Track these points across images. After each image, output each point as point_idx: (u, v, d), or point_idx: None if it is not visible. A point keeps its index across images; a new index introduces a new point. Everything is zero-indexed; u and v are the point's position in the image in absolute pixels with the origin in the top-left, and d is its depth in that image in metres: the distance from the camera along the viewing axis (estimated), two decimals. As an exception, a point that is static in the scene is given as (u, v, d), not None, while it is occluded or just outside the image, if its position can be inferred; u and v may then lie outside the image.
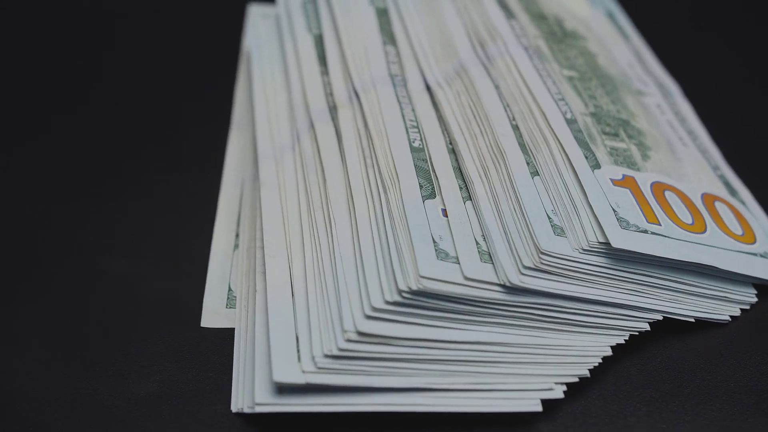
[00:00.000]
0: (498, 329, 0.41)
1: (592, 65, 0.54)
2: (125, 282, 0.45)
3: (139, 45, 0.61)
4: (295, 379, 0.38)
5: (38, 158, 0.52)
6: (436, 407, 0.39)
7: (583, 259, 0.41)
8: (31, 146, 0.53)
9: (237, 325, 0.43)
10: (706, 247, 0.44)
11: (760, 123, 0.59)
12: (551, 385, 0.40)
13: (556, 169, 0.44)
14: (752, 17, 0.69)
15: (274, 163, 0.48)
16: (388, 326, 0.39)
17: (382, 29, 0.54)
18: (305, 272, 0.42)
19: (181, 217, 0.49)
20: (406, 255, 0.40)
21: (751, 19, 0.69)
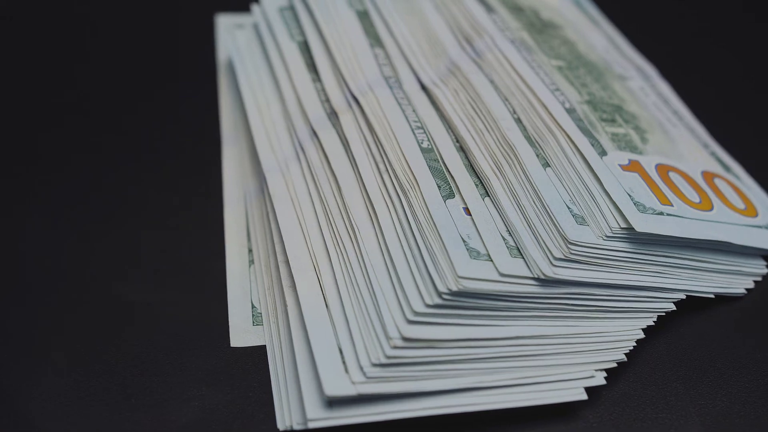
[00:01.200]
0: (535, 322, 0.41)
1: (575, 53, 0.54)
2: (145, 307, 0.44)
3: (109, 64, 0.60)
4: (347, 391, 0.38)
5: (29, 187, 0.50)
6: (485, 405, 0.39)
7: (608, 245, 0.42)
8: (18, 174, 0.51)
9: (268, 342, 0.43)
10: (717, 224, 0.45)
11: (733, 97, 0.61)
12: (592, 372, 0.41)
13: (566, 160, 0.45)
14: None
15: (281, 176, 0.47)
16: (431, 329, 0.39)
17: (366, 32, 0.53)
18: (336, 283, 0.42)
19: (190, 237, 0.48)
20: (439, 257, 0.40)
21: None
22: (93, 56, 0.60)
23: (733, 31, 0.67)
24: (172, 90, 0.58)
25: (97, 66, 0.59)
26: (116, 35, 0.62)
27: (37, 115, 0.55)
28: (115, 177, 0.51)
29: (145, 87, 0.58)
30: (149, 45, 0.61)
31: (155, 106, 0.56)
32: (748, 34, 0.67)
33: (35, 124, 0.54)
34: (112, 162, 0.52)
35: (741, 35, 0.67)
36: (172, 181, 0.51)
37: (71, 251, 0.46)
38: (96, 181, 0.51)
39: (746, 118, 0.58)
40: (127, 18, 0.64)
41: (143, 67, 0.59)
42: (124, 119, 0.55)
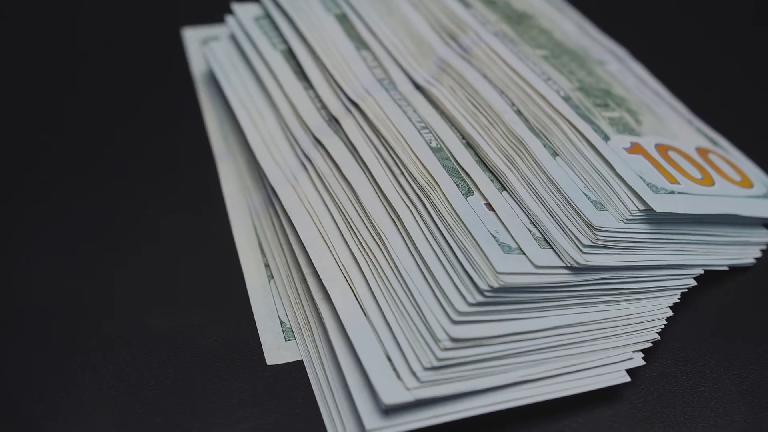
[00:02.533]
0: (571, 311, 0.41)
1: (554, 42, 0.55)
2: (173, 334, 0.43)
3: (81, 89, 0.58)
4: (404, 398, 0.37)
5: (33, 225, 0.48)
6: (534, 398, 0.40)
7: (630, 228, 0.42)
8: (20, 212, 0.49)
9: (305, 356, 0.42)
10: (722, 198, 0.46)
11: (703, 72, 0.62)
12: (630, 354, 0.42)
13: (573, 148, 0.45)
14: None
15: (291, 188, 0.47)
16: (476, 328, 0.39)
17: (349, 36, 0.53)
18: (371, 291, 0.41)
19: (203, 258, 0.47)
20: (474, 255, 0.40)
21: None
22: (62, 84, 0.58)
23: (694, 6, 0.69)
24: (151, 109, 0.56)
25: (69, 92, 0.57)
26: (83, 58, 0.60)
27: (19, 155, 0.53)
28: (113, 204, 0.49)
29: (122, 110, 0.56)
30: (117, 68, 0.59)
31: (138, 129, 0.55)
32: (709, 8, 0.68)
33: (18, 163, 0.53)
34: (106, 189, 0.50)
35: (702, 10, 0.68)
36: (173, 202, 0.50)
37: (87, 286, 0.45)
38: (93, 211, 0.49)
39: (718, 92, 0.60)
40: (88, 41, 0.62)
41: (116, 91, 0.57)
42: (106, 145, 0.53)
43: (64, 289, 0.45)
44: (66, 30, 0.63)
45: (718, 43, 0.66)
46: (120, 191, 0.50)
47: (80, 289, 0.45)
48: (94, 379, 0.41)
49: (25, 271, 0.45)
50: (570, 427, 0.40)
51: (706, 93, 0.59)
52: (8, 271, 0.45)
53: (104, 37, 0.62)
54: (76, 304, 0.44)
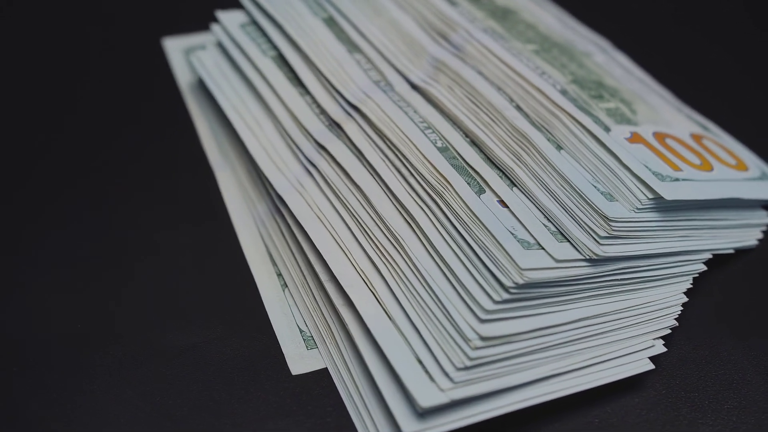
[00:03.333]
0: (592, 302, 0.42)
1: (541, 36, 0.55)
2: (193, 350, 0.42)
3: (69, 104, 0.57)
4: (440, 400, 0.37)
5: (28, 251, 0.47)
6: (564, 391, 0.40)
7: (641, 217, 0.43)
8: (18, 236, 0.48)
9: (329, 364, 0.42)
10: (723, 182, 0.47)
11: (683, 59, 0.63)
12: (651, 342, 0.42)
13: (577, 141, 0.46)
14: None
15: (298, 195, 0.46)
16: (503, 325, 0.39)
17: (339, 39, 0.53)
18: (394, 294, 0.41)
19: (212, 271, 0.46)
20: (496, 253, 0.40)
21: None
22: (45, 103, 0.57)
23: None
24: (140, 123, 0.55)
25: (53, 111, 0.56)
26: (64, 76, 0.59)
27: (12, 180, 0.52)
28: (114, 222, 0.48)
29: (110, 126, 0.55)
30: (100, 84, 0.58)
31: (128, 143, 0.54)
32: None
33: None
34: (104, 207, 0.49)
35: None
36: (175, 216, 0.49)
37: (98, 306, 0.44)
38: (94, 229, 0.48)
39: (700, 79, 0.61)
40: (69, 59, 0.60)
41: (102, 107, 0.56)
42: (99, 163, 0.52)
43: (75, 310, 0.44)
44: (44, 47, 0.61)
45: (696, 30, 0.67)
46: (120, 208, 0.49)
47: (92, 310, 0.44)
48: (118, 401, 0.40)
49: (34, 291, 0.44)
50: (600, 418, 0.40)
51: (687, 80, 0.60)
52: (19, 290, 0.44)
53: (83, 54, 0.61)
54: (90, 325, 0.43)
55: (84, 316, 0.43)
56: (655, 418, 0.40)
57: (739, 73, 0.63)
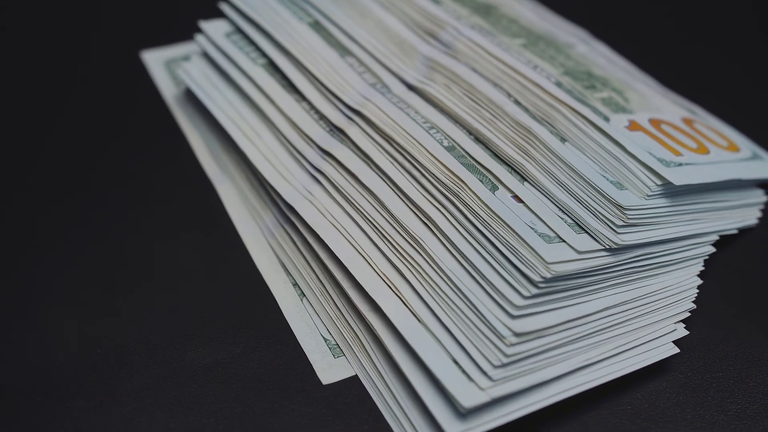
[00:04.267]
0: (614, 291, 0.42)
1: (526, 30, 0.56)
2: (220, 366, 0.41)
3: (53, 122, 0.55)
4: (481, 399, 0.37)
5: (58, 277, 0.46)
6: (598, 380, 0.40)
7: (652, 204, 0.44)
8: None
9: (359, 371, 0.42)
10: (721, 164, 0.48)
11: (658, 45, 0.64)
12: (673, 326, 0.43)
13: (580, 132, 0.46)
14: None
15: (308, 203, 0.46)
16: (534, 320, 0.39)
17: (329, 43, 0.52)
18: (420, 297, 0.41)
19: (227, 284, 0.45)
20: (520, 249, 0.40)
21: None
22: (30, 125, 0.55)
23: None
24: (130, 139, 0.54)
25: (39, 130, 0.55)
26: (47, 95, 0.58)
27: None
28: (119, 242, 0.47)
29: (99, 146, 0.54)
30: (83, 102, 0.57)
31: (121, 162, 0.52)
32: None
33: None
34: (106, 228, 0.48)
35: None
36: (179, 232, 0.48)
37: (117, 329, 0.43)
38: (101, 252, 0.47)
39: (677, 63, 0.62)
40: (50, 78, 0.59)
41: (88, 126, 0.55)
42: (94, 183, 0.51)
43: (92, 335, 0.43)
44: (19, 70, 0.60)
45: (669, 15, 0.68)
46: (122, 227, 0.48)
47: (109, 334, 0.43)
48: (151, 424, 0.39)
49: (50, 318, 0.43)
50: (631, 405, 0.41)
51: (665, 66, 0.61)
52: (33, 317, 0.43)
53: (61, 72, 0.59)
54: (110, 349, 0.42)
55: (102, 341, 0.42)
56: (685, 401, 0.41)
57: (717, 57, 0.64)
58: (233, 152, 0.52)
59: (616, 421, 0.40)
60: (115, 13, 0.65)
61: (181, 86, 0.57)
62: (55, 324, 0.43)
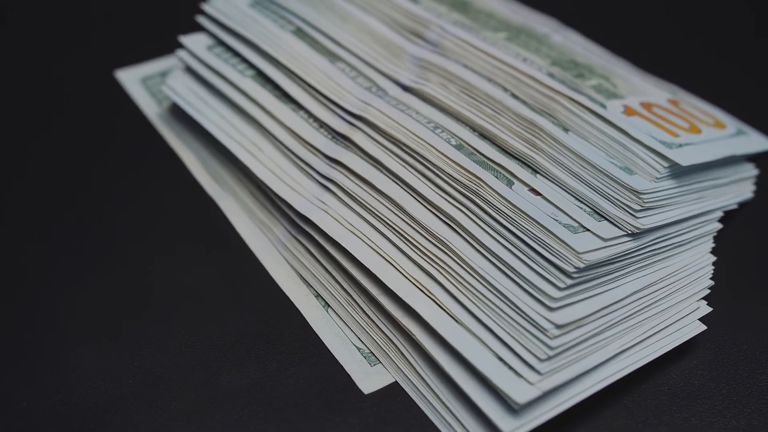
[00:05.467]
0: (639, 274, 0.43)
1: (504, 23, 0.56)
2: (258, 386, 0.41)
3: (41, 151, 0.53)
4: (533, 394, 0.38)
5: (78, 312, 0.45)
6: (637, 363, 0.41)
7: (662, 186, 0.44)
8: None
9: (399, 377, 0.42)
10: (715, 142, 0.49)
11: (624, 28, 0.65)
12: (696, 304, 0.44)
13: (581, 120, 0.46)
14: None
15: (323, 212, 0.46)
16: (572, 310, 0.40)
17: (315, 50, 0.52)
18: (455, 298, 0.41)
19: (247, 300, 0.45)
20: (549, 242, 0.40)
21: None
22: (13, 152, 0.54)
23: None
24: (120, 162, 0.53)
25: (22, 160, 0.53)
26: (23, 122, 0.56)
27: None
28: (131, 268, 0.46)
29: (88, 170, 0.52)
30: (64, 129, 0.55)
31: (116, 186, 0.51)
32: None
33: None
34: (113, 254, 0.47)
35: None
36: (188, 252, 0.47)
37: (146, 357, 0.42)
38: (114, 279, 0.46)
39: (646, 45, 0.63)
40: (20, 102, 0.57)
41: (75, 153, 0.53)
42: (89, 210, 0.50)
43: (121, 366, 0.42)
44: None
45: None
46: (131, 255, 0.47)
47: (140, 363, 0.42)
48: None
49: (78, 349, 0.42)
50: (667, 385, 0.42)
51: (636, 48, 0.62)
52: (65, 350, 0.42)
53: (36, 99, 0.57)
54: (142, 380, 0.41)
55: (133, 371, 0.41)
56: (717, 376, 0.42)
57: (684, 36, 0.65)
58: (232, 167, 0.51)
59: (656, 402, 0.41)
60: (82, 34, 0.63)
61: (164, 104, 0.56)
62: (80, 359, 0.42)
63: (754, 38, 0.66)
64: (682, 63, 0.63)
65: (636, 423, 0.40)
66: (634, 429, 0.40)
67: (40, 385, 0.41)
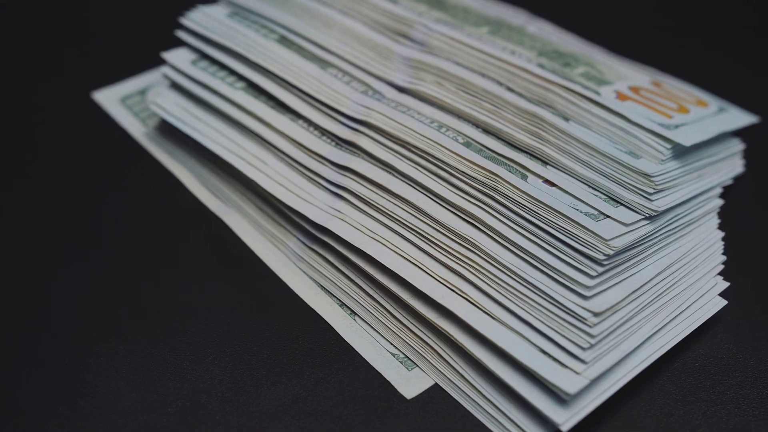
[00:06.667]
0: (658, 256, 0.44)
1: (483, 17, 0.56)
2: (301, 402, 0.40)
3: (23, 180, 0.52)
4: (582, 383, 0.38)
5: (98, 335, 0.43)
6: (670, 343, 0.42)
7: (667, 168, 0.45)
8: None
9: (440, 379, 0.42)
10: (705, 120, 0.50)
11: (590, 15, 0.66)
12: (713, 280, 0.45)
13: (580, 109, 0.47)
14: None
15: (340, 221, 0.45)
16: (606, 297, 0.41)
17: (304, 57, 0.51)
18: (488, 296, 0.41)
19: (272, 315, 0.44)
20: (575, 231, 0.41)
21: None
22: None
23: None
24: (114, 185, 0.51)
25: (11, 191, 0.51)
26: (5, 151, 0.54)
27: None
28: (148, 294, 0.45)
29: (84, 197, 0.50)
30: (48, 154, 0.53)
31: (114, 212, 0.50)
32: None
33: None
34: (126, 282, 0.46)
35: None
36: (205, 273, 0.46)
37: (185, 385, 0.41)
38: (134, 306, 0.45)
39: (605, 29, 0.64)
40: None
41: (61, 178, 0.52)
42: (92, 240, 0.48)
43: (158, 396, 0.41)
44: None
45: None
46: (144, 280, 0.46)
47: (176, 390, 0.41)
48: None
49: (108, 385, 0.41)
50: (697, 361, 0.43)
51: (601, 34, 0.63)
52: (96, 382, 0.41)
53: (13, 131, 0.55)
54: (182, 406, 0.40)
55: (170, 399, 0.40)
56: (744, 347, 0.43)
57: (644, 18, 0.66)
58: (233, 182, 0.50)
59: (690, 380, 0.42)
60: (53, 59, 0.61)
61: (150, 122, 0.54)
62: (113, 394, 0.41)
63: (714, 16, 0.68)
64: (646, 45, 0.64)
65: (675, 402, 0.41)
66: (673, 408, 0.41)
67: (77, 425, 0.39)
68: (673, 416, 0.40)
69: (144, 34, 0.57)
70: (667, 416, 0.40)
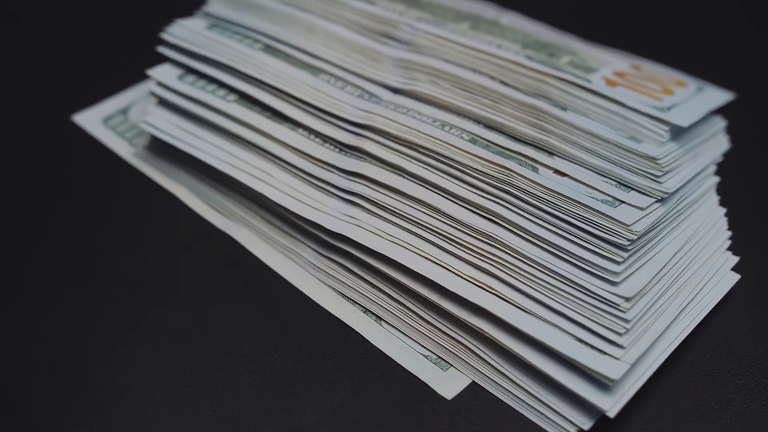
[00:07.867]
0: (674, 234, 0.45)
1: (462, 14, 0.56)
2: (343, 412, 0.40)
3: (16, 211, 0.50)
4: (624, 368, 0.39)
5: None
6: (697, 319, 0.43)
7: (669, 149, 0.46)
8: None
9: (477, 377, 0.42)
10: (690, 100, 0.52)
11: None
12: (724, 256, 0.46)
13: (576, 98, 0.48)
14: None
15: (358, 228, 0.45)
16: (633, 281, 0.41)
17: (293, 65, 0.51)
18: (518, 290, 0.42)
19: (297, 328, 0.44)
20: (596, 219, 0.42)
21: None
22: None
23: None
24: (111, 209, 0.50)
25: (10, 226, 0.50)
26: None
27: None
28: (165, 318, 0.44)
29: (80, 224, 0.49)
30: (33, 183, 0.52)
31: (119, 236, 0.48)
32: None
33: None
34: (147, 308, 0.45)
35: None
36: (223, 292, 0.45)
37: (227, 406, 0.40)
38: (153, 332, 0.44)
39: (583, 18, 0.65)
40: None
41: (60, 209, 0.50)
42: (97, 268, 0.47)
43: (196, 418, 0.40)
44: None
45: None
46: (163, 304, 0.45)
47: (214, 410, 0.40)
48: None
49: (141, 411, 0.40)
50: (721, 336, 0.44)
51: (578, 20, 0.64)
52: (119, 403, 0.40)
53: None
54: (225, 426, 0.40)
55: (209, 421, 0.40)
56: (762, 320, 0.45)
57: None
58: (236, 196, 0.49)
59: (714, 356, 0.43)
60: (27, 84, 0.59)
61: (137, 141, 0.53)
62: (150, 421, 0.40)
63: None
64: (612, 29, 0.65)
65: (705, 379, 0.42)
66: (705, 384, 0.42)
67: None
68: (706, 392, 0.41)
69: (118, 52, 0.55)
70: (700, 393, 0.41)
